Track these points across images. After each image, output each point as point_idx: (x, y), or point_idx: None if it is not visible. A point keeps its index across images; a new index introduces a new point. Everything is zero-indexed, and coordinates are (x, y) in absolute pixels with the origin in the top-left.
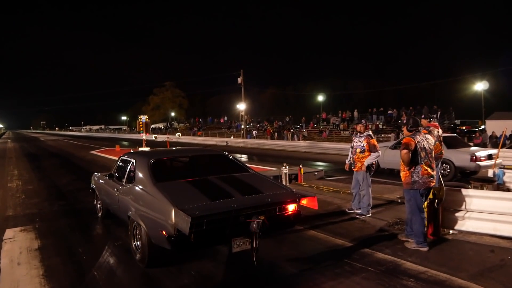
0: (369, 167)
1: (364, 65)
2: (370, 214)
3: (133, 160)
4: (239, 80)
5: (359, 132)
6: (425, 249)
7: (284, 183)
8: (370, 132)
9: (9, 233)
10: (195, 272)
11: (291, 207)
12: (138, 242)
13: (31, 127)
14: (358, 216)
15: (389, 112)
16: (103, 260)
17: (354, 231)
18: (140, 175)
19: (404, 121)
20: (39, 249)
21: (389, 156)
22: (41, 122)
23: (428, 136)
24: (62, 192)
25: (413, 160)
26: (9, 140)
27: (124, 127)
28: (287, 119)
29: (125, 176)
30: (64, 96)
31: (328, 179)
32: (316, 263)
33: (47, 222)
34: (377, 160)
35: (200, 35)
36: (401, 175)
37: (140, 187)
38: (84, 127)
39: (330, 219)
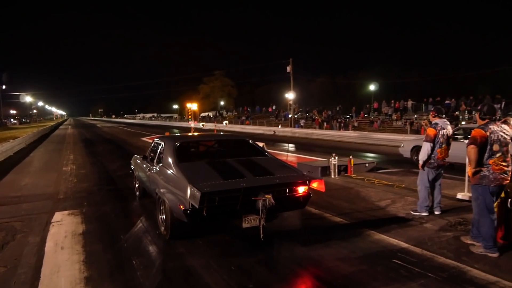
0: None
1: (419, 53)
2: (427, 213)
3: (162, 143)
4: (288, 68)
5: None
6: (495, 254)
7: (332, 174)
8: (435, 121)
9: (57, 216)
10: (235, 267)
11: (300, 189)
12: (163, 216)
13: (90, 114)
14: (413, 213)
15: (447, 102)
16: (143, 249)
17: (410, 230)
18: (167, 156)
19: (479, 107)
20: (83, 234)
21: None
22: (99, 110)
23: (504, 126)
24: (111, 177)
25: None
26: (69, 127)
27: (175, 115)
28: (337, 108)
29: (156, 157)
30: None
31: (380, 171)
32: (368, 265)
33: (93, 206)
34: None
35: (250, 24)
36: (468, 169)
37: (166, 167)
38: (137, 115)
39: (382, 215)
